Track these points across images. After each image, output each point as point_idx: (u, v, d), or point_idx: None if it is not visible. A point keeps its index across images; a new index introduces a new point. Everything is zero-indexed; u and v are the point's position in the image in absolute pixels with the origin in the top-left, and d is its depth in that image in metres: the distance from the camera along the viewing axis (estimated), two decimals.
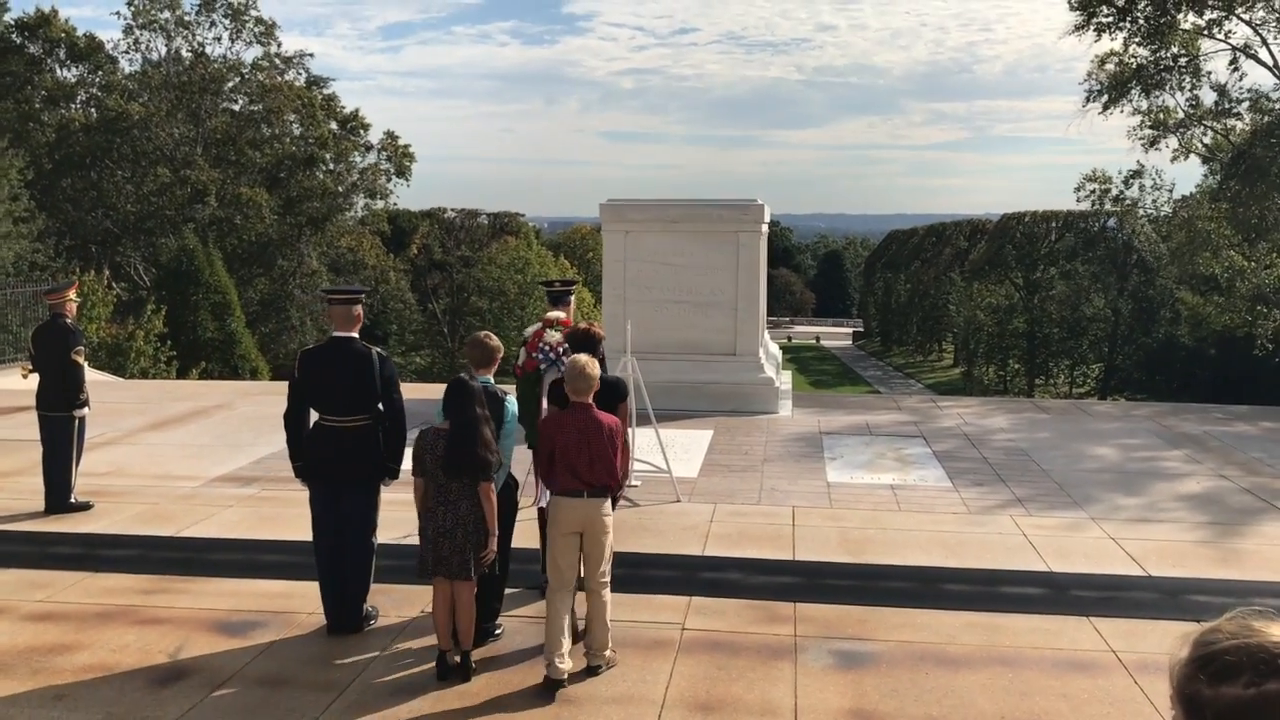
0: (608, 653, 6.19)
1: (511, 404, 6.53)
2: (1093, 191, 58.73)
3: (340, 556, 6.74)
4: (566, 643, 6.07)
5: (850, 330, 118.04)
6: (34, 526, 9.31)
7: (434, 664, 6.24)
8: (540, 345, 7.67)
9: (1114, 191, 57.16)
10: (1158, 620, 7.00)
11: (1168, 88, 40.34)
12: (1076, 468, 11.74)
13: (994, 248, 75.05)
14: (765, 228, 15.85)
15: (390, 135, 53.65)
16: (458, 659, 6.14)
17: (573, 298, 8.17)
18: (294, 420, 6.84)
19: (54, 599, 7.43)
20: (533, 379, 7.45)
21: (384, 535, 7.31)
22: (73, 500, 9.82)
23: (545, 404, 7.03)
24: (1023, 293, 71.15)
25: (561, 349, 7.34)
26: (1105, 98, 40.39)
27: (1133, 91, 40.25)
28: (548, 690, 5.95)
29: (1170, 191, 54.65)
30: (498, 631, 6.73)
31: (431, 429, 6.04)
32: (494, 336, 6.70)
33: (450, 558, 5.96)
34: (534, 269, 60.76)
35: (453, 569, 5.97)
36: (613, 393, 6.71)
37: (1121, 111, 41.00)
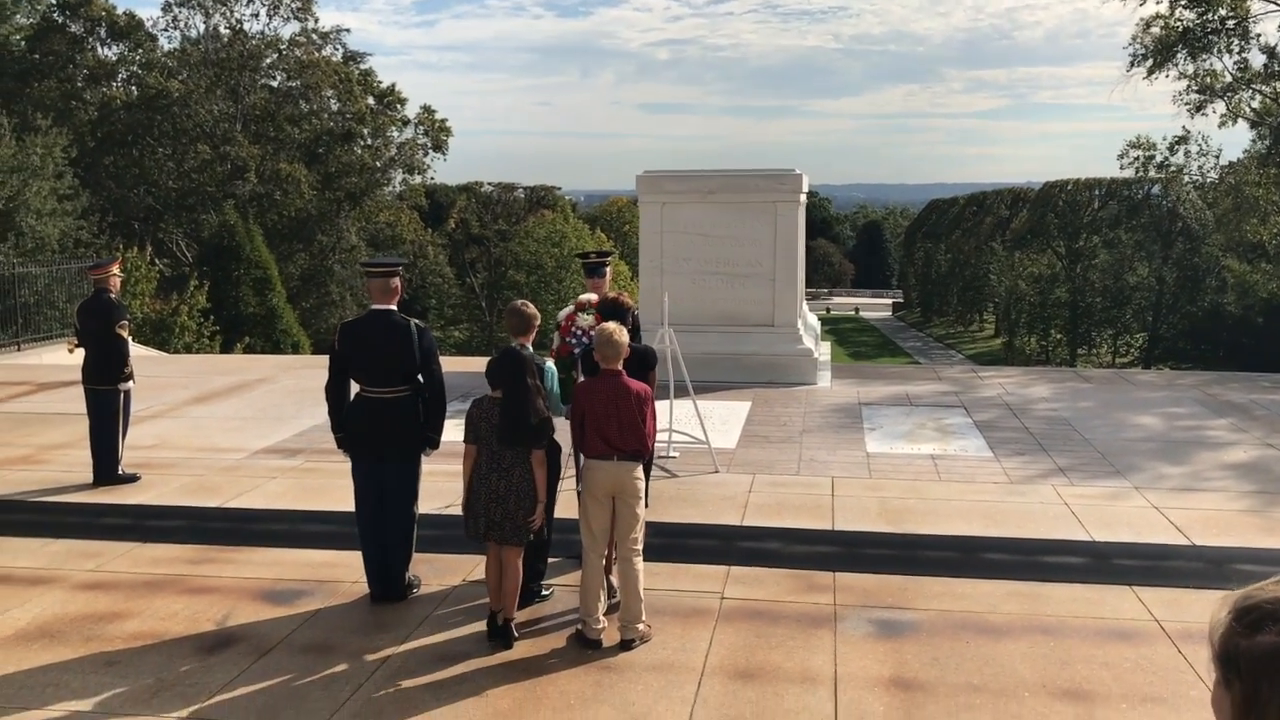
0: (641, 626, 6.17)
1: (551, 369, 6.60)
2: (1136, 158, 57.83)
3: (383, 526, 6.76)
4: (602, 604, 6.16)
5: (890, 301, 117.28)
6: (83, 498, 9.45)
7: (476, 629, 6.31)
8: (573, 329, 7.63)
9: (1159, 158, 56.28)
10: (1202, 590, 6.91)
11: (1215, 51, 39.55)
12: (1119, 437, 11.60)
13: (1036, 216, 74.14)
14: (803, 198, 15.69)
15: (427, 110, 53.81)
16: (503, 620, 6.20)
17: (609, 269, 8.09)
18: (335, 392, 6.84)
19: (104, 568, 7.55)
20: (567, 364, 7.44)
21: (425, 505, 7.35)
22: (120, 472, 9.97)
23: (580, 378, 7.03)
24: (1065, 262, 70.28)
25: (594, 333, 7.40)
26: (1150, 62, 39.70)
27: (1178, 55, 39.52)
28: (583, 647, 6.04)
29: (1217, 157, 53.72)
30: (545, 593, 6.78)
31: (486, 397, 6.09)
32: (530, 304, 6.74)
33: (503, 523, 6.03)
34: (570, 242, 60.67)
35: (505, 534, 6.04)
36: (642, 361, 6.72)
37: (1167, 76, 40.30)
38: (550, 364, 6.65)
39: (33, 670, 5.89)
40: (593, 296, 7.64)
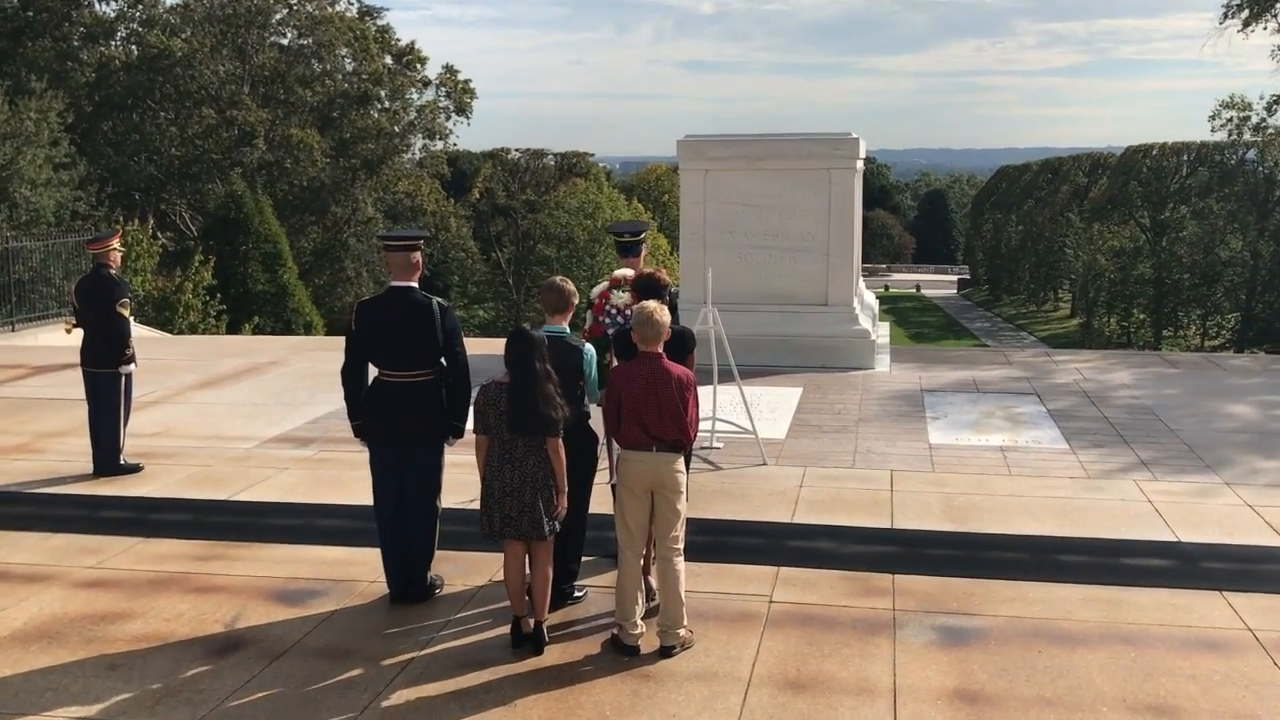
0: (682, 631, 6.15)
1: (589, 351, 6.63)
2: (1230, 120, 57.01)
3: (403, 521, 6.78)
4: (640, 607, 6.15)
5: (955, 278, 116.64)
6: (83, 489, 9.57)
7: (503, 633, 6.34)
8: (607, 309, 7.65)
9: (1255, 119, 55.43)
10: None
11: None
12: (1209, 427, 11.50)
13: (1117, 184, 73.24)
14: (860, 164, 15.66)
15: (449, 70, 53.94)
16: (532, 624, 6.20)
17: (645, 246, 8.07)
18: (352, 376, 6.84)
19: (105, 565, 7.63)
20: (601, 344, 7.39)
21: (449, 499, 7.34)
22: (122, 462, 10.10)
23: (614, 361, 7.07)
24: (1149, 234, 69.41)
25: (630, 312, 7.22)
26: (1246, 13, 39.07)
27: (1278, 4, 38.86)
28: (619, 654, 6.03)
29: None
30: (578, 595, 6.81)
31: (494, 383, 6.11)
32: (569, 281, 6.77)
33: (519, 517, 6.03)
34: (605, 214, 60.56)
35: (523, 528, 6.04)
36: (680, 344, 6.72)
37: (1264, 28, 39.62)
38: (589, 347, 6.69)
39: (31, 674, 5.97)
40: (628, 272, 7.68)
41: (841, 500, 8.96)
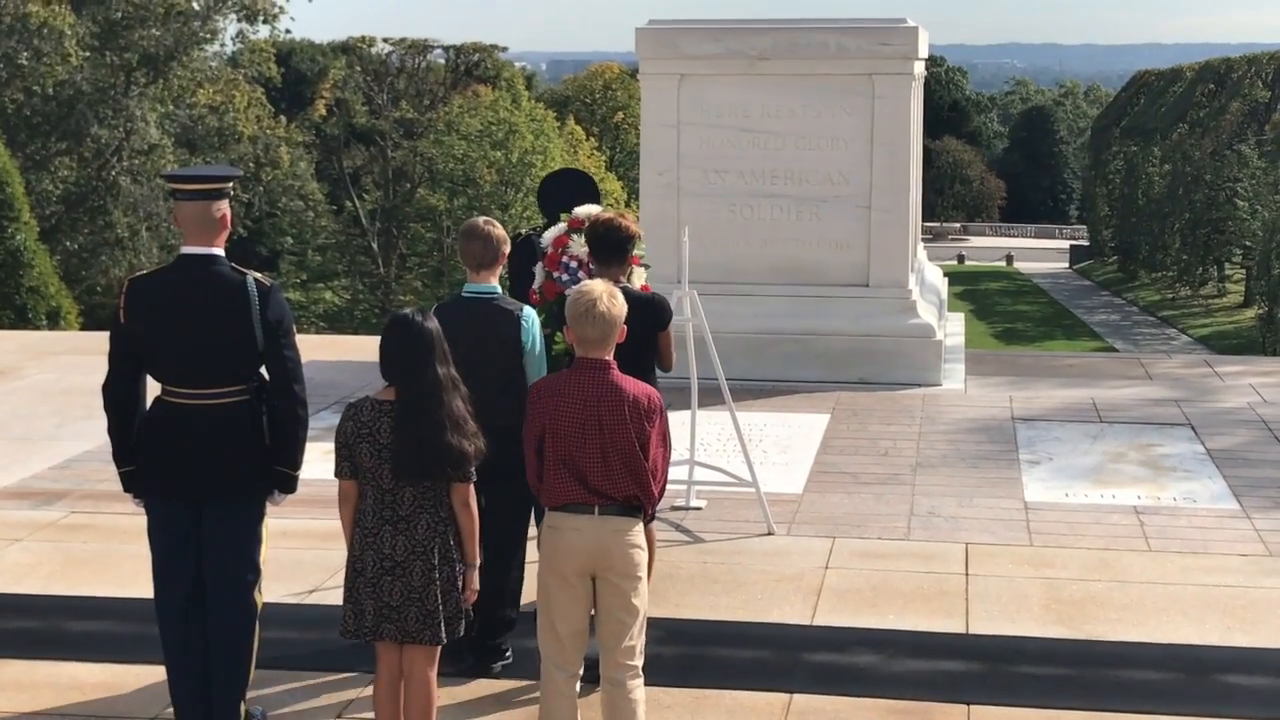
0: None
1: (530, 321, 6.07)
2: None
3: (201, 623, 5.62)
4: None
5: (1066, 244, 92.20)
6: None
7: None
8: (563, 260, 7.05)
9: None
10: None
11: None
12: None
13: None
14: (919, 67, 13.17)
15: None
16: None
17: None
18: (119, 394, 5.64)
19: None
20: (555, 309, 6.67)
21: (276, 588, 6.40)
22: None
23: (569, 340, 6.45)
24: None
25: (570, 295, 6.46)
26: None
27: None
28: None
29: None
30: (507, 655, 6.19)
31: (368, 401, 5.26)
32: (497, 225, 6.21)
33: (404, 608, 5.15)
34: (525, 140, 46.80)
35: (409, 626, 5.15)
36: (648, 317, 6.10)
37: None
38: (529, 311, 6.13)
39: None
40: (593, 208, 7.02)
41: (889, 589, 7.54)
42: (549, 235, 7.21)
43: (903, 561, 7.96)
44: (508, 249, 6.24)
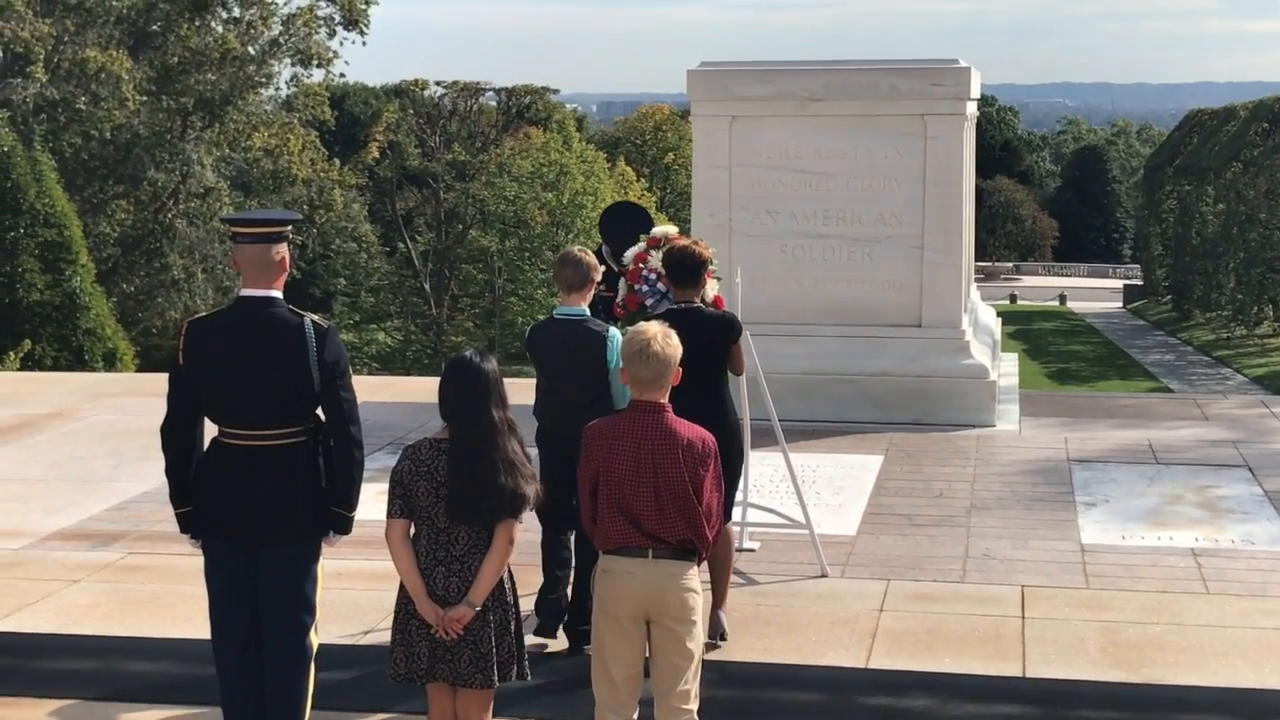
0: None
1: (615, 341, 6.38)
2: None
3: (258, 665, 5.59)
4: None
5: (1120, 284, 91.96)
6: None
7: None
8: (644, 274, 7.44)
9: None
10: None
11: None
12: None
13: None
14: (972, 107, 13.15)
15: None
16: None
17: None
18: (177, 437, 5.65)
19: None
20: (637, 319, 6.92)
21: (332, 629, 6.48)
22: None
23: None
24: None
25: (626, 337, 6.81)
26: None
27: None
28: None
29: None
30: (586, 648, 6.02)
31: (426, 441, 5.22)
32: (588, 252, 6.73)
33: (458, 650, 5.06)
34: (576, 182, 47.04)
35: (460, 669, 5.06)
36: (716, 334, 6.68)
37: None
38: (615, 332, 6.48)
39: None
40: (671, 229, 7.54)
41: (945, 633, 7.50)
42: (630, 253, 7.64)
43: (958, 604, 7.90)
44: (598, 275, 6.74)
